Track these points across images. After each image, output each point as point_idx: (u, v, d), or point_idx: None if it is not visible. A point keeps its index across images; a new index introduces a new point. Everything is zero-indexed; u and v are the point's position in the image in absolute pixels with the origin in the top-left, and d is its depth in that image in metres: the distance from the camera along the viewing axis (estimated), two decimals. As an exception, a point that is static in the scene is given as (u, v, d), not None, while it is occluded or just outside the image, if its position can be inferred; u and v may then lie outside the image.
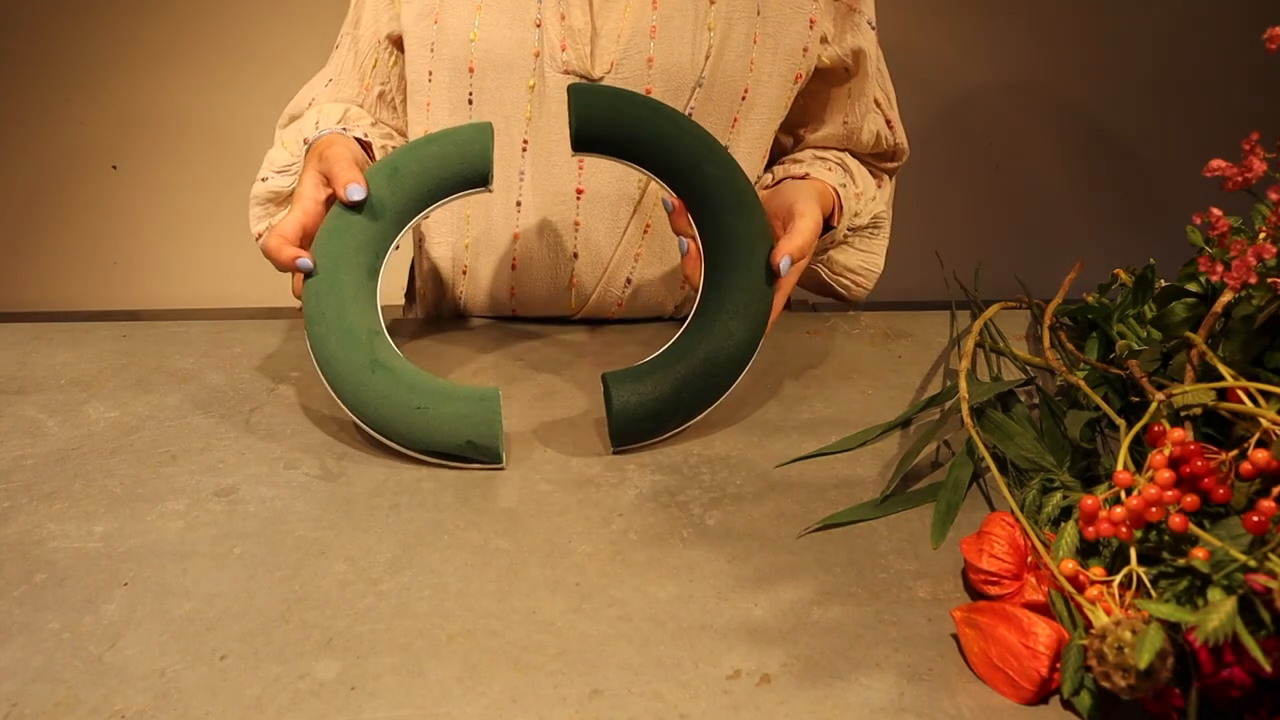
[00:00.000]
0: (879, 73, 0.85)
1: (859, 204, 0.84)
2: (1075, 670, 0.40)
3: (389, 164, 0.65)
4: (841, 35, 0.81)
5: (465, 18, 0.77)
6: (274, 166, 0.82)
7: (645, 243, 0.82)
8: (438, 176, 0.65)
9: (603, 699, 0.42)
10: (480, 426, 0.59)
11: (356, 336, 0.61)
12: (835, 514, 0.55)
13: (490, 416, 0.59)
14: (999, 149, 2.17)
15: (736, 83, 0.78)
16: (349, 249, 0.63)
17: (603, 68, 0.76)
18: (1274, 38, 0.46)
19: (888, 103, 0.87)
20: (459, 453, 0.59)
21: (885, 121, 0.87)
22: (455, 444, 0.59)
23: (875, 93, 0.85)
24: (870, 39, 0.81)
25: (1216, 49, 2.11)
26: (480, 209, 0.83)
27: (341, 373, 0.61)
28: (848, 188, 0.82)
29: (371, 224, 0.64)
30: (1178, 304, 0.62)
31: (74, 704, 0.41)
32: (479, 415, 0.59)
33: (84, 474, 0.60)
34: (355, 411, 0.61)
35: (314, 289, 0.62)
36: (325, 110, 0.83)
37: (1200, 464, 0.43)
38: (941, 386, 0.71)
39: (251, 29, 2.02)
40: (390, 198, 0.64)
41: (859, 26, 0.80)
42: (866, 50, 0.81)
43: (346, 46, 0.85)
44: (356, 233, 0.63)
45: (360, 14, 0.84)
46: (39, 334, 0.81)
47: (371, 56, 0.83)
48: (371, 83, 0.85)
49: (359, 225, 0.63)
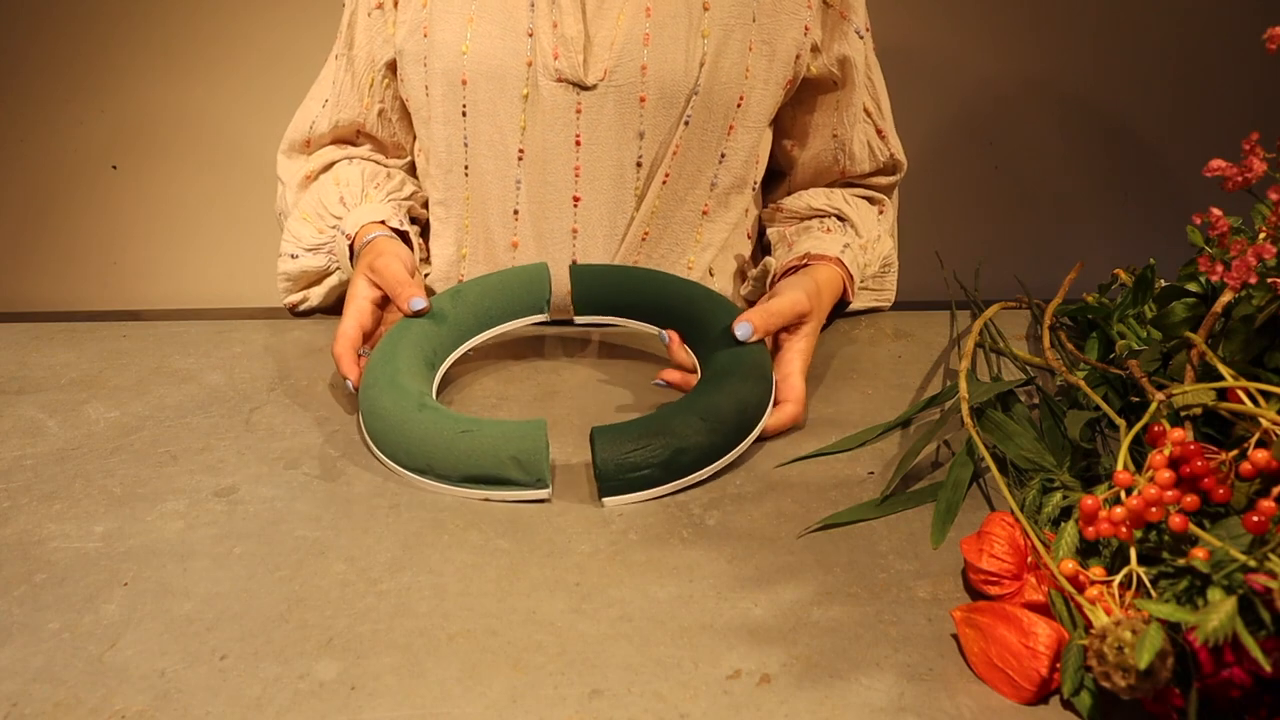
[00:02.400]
0: (869, 82, 0.84)
1: (866, 255, 0.83)
2: (1075, 670, 0.40)
3: (453, 288, 0.72)
4: (830, 43, 0.80)
5: (456, 30, 0.77)
6: (302, 244, 0.83)
7: (644, 250, 0.82)
8: (497, 299, 0.71)
9: (603, 699, 0.42)
10: (525, 442, 0.56)
11: (407, 392, 0.61)
12: (835, 514, 0.55)
13: (535, 433, 0.56)
14: (999, 149, 2.17)
15: (732, 90, 0.78)
16: (409, 341, 0.66)
17: (596, 75, 0.76)
18: (1274, 38, 0.46)
19: (878, 112, 0.86)
20: (502, 473, 0.56)
21: (875, 131, 0.85)
22: (498, 461, 0.56)
23: (865, 102, 0.84)
24: (858, 48, 0.81)
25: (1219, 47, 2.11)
26: (477, 217, 0.83)
27: (388, 418, 0.60)
28: (850, 247, 0.80)
29: (432, 327, 0.68)
30: (1178, 304, 0.62)
31: (74, 704, 0.41)
32: (524, 432, 0.56)
33: (84, 474, 0.60)
34: (399, 450, 0.59)
35: (372, 366, 0.64)
36: (344, 181, 0.83)
37: (1200, 464, 0.43)
38: (941, 386, 0.71)
39: (251, 30, 2.02)
40: (451, 310, 0.69)
41: (847, 35, 0.80)
42: (853, 59, 0.81)
43: (343, 68, 0.85)
44: (416, 331, 0.67)
45: (354, 35, 0.84)
46: (39, 334, 0.81)
47: (368, 76, 0.84)
48: (371, 102, 0.85)
49: (419, 326, 0.68)
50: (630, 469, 0.56)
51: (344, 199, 0.82)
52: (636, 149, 0.78)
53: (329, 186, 0.84)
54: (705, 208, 0.83)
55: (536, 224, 0.81)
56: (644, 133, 0.78)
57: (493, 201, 0.81)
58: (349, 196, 0.82)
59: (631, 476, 0.56)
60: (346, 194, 0.82)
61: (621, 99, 0.76)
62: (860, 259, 0.81)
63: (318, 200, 0.83)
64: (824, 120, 0.85)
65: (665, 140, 0.78)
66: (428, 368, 0.66)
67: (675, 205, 0.81)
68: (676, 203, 0.81)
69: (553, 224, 0.81)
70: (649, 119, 0.77)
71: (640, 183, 0.79)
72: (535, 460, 0.56)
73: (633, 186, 0.79)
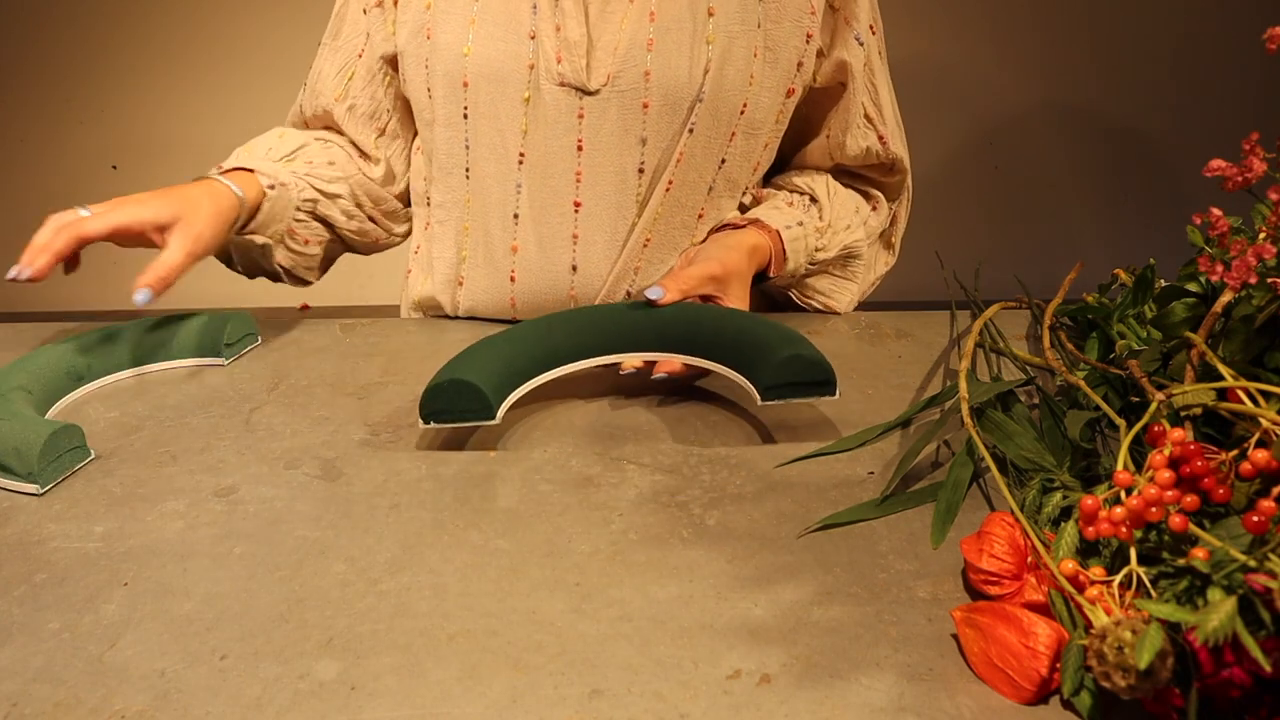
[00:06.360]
0: (871, 88, 0.84)
1: (822, 239, 0.83)
2: (1075, 670, 0.40)
3: (139, 320, 0.75)
4: (832, 49, 0.80)
5: (458, 32, 0.77)
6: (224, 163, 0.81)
7: (645, 256, 0.82)
8: (177, 334, 0.75)
9: (603, 699, 0.42)
10: (27, 436, 0.57)
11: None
12: (835, 514, 0.55)
13: (41, 430, 0.58)
14: (999, 149, 2.17)
15: (736, 97, 0.78)
16: (68, 346, 0.70)
17: (599, 80, 0.76)
18: (1274, 38, 0.46)
19: (879, 117, 0.85)
20: (3, 460, 0.58)
21: (877, 137, 0.85)
22: (3, 449, 0.58)
23: (866, 107, 0.84)
24: (857, 54, 0.80)
25: (1219, 48, 2.11)
26: (478, 220, 0.83)
27: None
28: (804, 225, 0.81)
29: (105, 344, 0.72)
30: (1178, 304, 0.62)
31: (74, 704, 0.41)
32: (36, 429, 0.58)
33: (84, 474, 0.60)
34: None
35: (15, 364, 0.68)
36: (289, 138, 0.84)
37: (1200, 464, 0.43)
38: (941, 386, 0.71)
39: (251, 31, 2.02)
40: (127, 333, 0.73)
41: (847, 41, 0.80)
42: (851, 65, 0.80)
43: (325, 57, 0.85)
44: (88, 340, 0.71)
45: (341, 26, 0.84)
46: (39, 334, 0.81)
47: (350, 69, 0.84)
48: (343, 94, 0.85)
49: (96, 339, 0.72)
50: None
51: (271, 150, 0.83)
52: (639, 155, 0.78)
53: (272, 136, 0.85)
54: (701, 211, 0.83)
55: (537, 228, 0.81)
56: (646, 139, 0.78)
57: (493, 205, 0.81)
58: (276, 149, 0.83)
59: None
60: (277, 146, 0.83)
61: (624, 104, 0.76)
62: (811, 241, 0.82)
63: (255, 142, 0.84)
64: (821, 119, 0.85)
65: (668, 147, 0.78)
66: (69, 378, 0.69)
67: (676, 211, 0.81)
68: (678, 209, 0.81)
69: (553, 228, 0.81)
70: (651, 125, 0.77)
71: (642, 189, 0.79)
72: (30, 455, 0.57)
73: (634, 193, 0.79)
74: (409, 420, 0.66)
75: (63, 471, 0.59)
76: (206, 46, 2.05)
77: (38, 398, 0.65)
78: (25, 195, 2.14)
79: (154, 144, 2.13)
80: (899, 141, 0.87)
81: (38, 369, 0.67)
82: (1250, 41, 1.62)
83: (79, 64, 2.06)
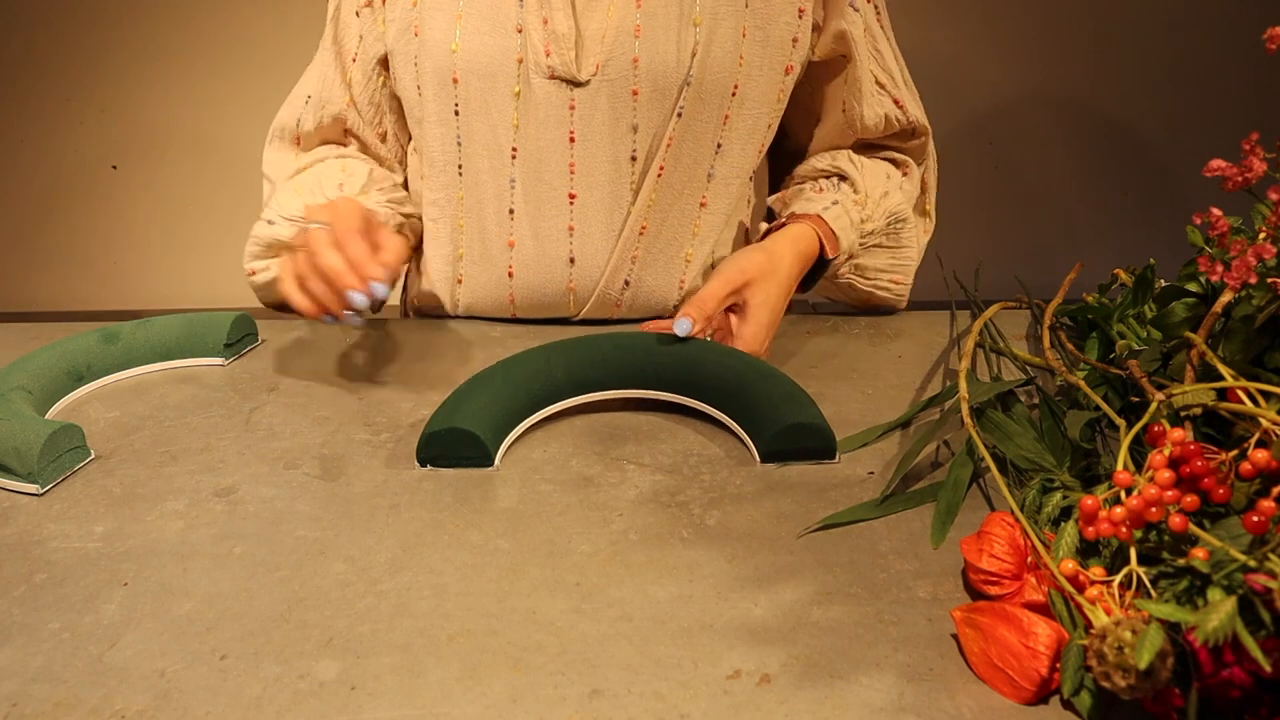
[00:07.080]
0: (876, 53, 0.82)
1: (865, 210, 0.82)
2: (1075, 670, 0.40)
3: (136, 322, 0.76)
4: (829, 21, 0.79)
5: (445, 28, 0.76)
6: (283, 212, 0.80)
7: (642, 244, 0.82)
8: (178, 334, 0.75)
9: (603, 699, 0.42)
10: (26, 437, 0.58)
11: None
12: (835, 514, 0.55)
13: (42, 431, 0.58)
14: (999, 148, 2.17)
15: (725, 79, 0.77)
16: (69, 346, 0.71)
17: (588, 70, 0.76)
18: (1274, 38, 0.46)
19: (892, 82, 0.83)
20: (3, 460, 0.58)
21: (893, 102, 0.83)
22: (3, 449, 0.58)
23: (876, 74, 0.82)
24: (855, 21, 0.79)
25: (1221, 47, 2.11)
26: (473, 217, 0.82)
27: None
28: (840, 204, 0.80)
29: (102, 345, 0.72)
30: (1178, 304, 0.62)
31: (74, 704, 0.41)
32: (37, 429, 0.58)
33: (84, 474, 0.60)
34: None
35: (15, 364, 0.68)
36: (350, 170, 0.82)
37: (1200, 464, 0.43)
38: (941, 386, 0.71)
39: (251, 31, 2.03)
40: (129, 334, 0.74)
41: (843, 10, 0.79)
42: (850, 33, 0.79)
43: (329, 62, 0.84)
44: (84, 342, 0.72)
45: (337, 30, 0.83)
46: (39, 334, 0.81)
47: (350, 71, 0.83)
48: (352, 97, 0.84)
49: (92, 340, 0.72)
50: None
51: (344, 185, 0.81)
52: (631, 143, 0.78)
53: (333, 169, 0.82)
54: (703, 199, 0.82)
55: (533, 222, 0.81)
56: (637, 126, 0.77)
57: (488, 200, 0.81)
58: (349, 185, 0.81)
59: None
60: (348, 182, 0.81)
61: (614, 93, 0.76)
62: (854, 214, 0.80)
63: (316, 178, 0.82)
64: (834, 94, 0.84)
65: (659, 133, 0.78)
66: (69, 378, 0.69)
67: (672, 198, 0.81)
68: (673, 196, 0.81)
69: (549, 222, 0.80)
70: (642, 112, 0.77)
71: (635, 177, 0.79)
72: (30, 455, 0.57)
73: (628, 181, 0.79)
74: (409, 420, 0.66)
75: (63, 471, 0.59)
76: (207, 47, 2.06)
77: (38, 398, 0.65)
78: (25, 195, 2.14)
79: (154, 144, 2.13)
80: (914, 104, 0.85)
81: (38, 369, 0.67)
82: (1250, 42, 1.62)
83: (79, 63, 2.06)
